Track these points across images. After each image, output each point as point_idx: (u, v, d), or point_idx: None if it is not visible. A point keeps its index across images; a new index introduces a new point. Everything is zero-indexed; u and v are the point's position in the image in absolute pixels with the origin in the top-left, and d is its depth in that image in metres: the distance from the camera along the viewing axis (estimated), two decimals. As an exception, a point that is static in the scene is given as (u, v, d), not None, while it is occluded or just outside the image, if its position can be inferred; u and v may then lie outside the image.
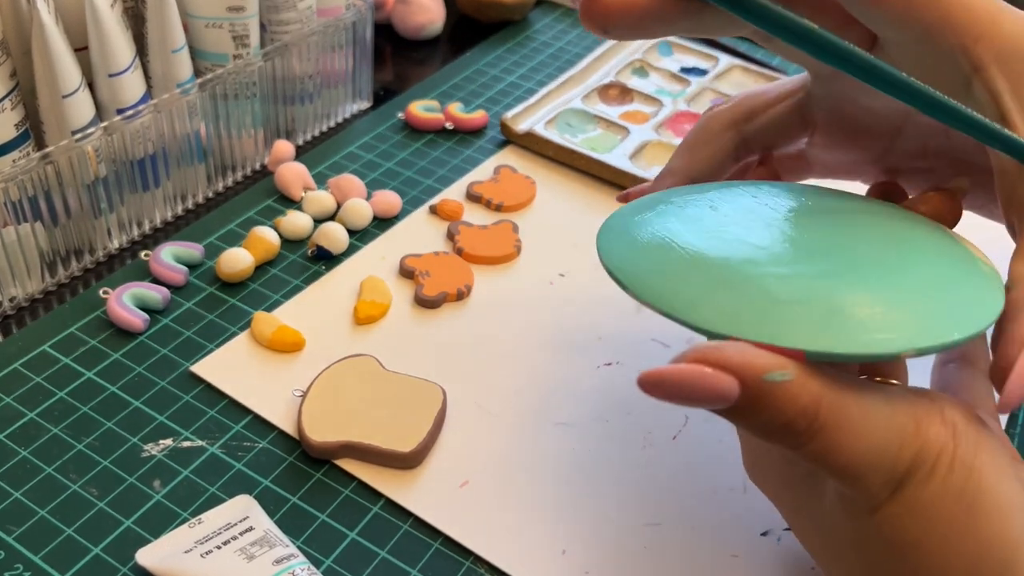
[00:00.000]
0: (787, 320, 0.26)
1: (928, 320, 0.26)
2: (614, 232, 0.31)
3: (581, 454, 0.41)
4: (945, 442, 0.27)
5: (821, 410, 0.26)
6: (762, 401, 0.25)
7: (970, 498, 0.27)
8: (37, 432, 0.40)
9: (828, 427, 0.26)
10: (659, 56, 0.69)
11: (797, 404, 0.25)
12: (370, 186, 0.55)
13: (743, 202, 0.32)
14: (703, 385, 0.25)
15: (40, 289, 0.47)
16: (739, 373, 0.25)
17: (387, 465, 0.39)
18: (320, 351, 0.44)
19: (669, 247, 0.29)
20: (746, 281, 0.27)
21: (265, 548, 0.34)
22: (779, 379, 0.25)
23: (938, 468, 0.27)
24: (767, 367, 0.25)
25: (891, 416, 0.27)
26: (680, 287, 0.27)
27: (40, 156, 0.44)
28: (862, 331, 0.25)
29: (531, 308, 0.48)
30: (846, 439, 0.26)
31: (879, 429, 0.26)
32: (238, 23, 0.51)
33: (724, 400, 0.25)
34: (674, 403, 0.26)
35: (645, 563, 0.37)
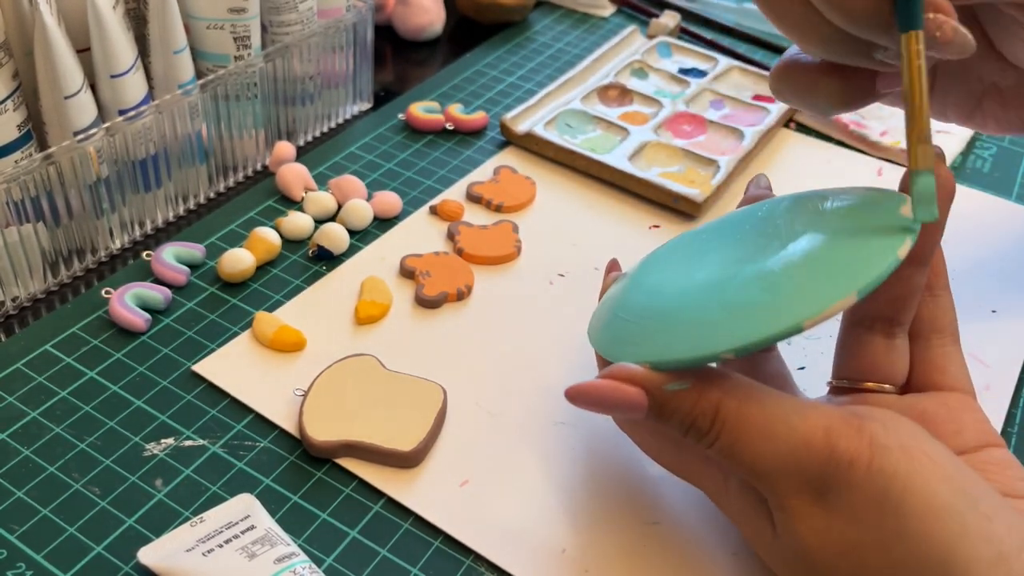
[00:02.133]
0: (650, 343, 0.32)
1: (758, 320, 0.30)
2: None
3: (581, 454, 0.41)
4: (858, 452, 0.29)
5: (720, 412, 0.30)
6: (667, 406, 0.31)
7: (896, 502, 0.28)
8: (39, 431, 0.40)
9: (729, 427, 0.30)
10: (658, 57, 0.69)
11: (697, 407, 0.30)
12: (371, 187, 0.56)
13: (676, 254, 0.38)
14: (617, 396, 0.31)
15: (42, 289, 0.47)
16: (644, 385, 0.31)
17: (388, 464, 0.39)
18: (321, 351, 0.45)
19: (612, 315, 0.36)
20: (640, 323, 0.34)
21: (266, 547, 0.34)
22: (676, 388, 0.31)
23: (853, 476, 0.29)
24: (667, 379, 0.31)
25: (798, 424, 0.30)
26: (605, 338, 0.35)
27: (42, 157, 0.44)
28: (688, 343, 0.31)
29: (531, 308, 0.48)
30: (749, 439, 0.30)
31: (782, 434, 0.30)
32: (239, 24, 0.52)
33: (635, 408, 0.31)
34: (595, 411, 0.32)
35: (645, 562, 0.37)
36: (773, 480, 0.30)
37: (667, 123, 0.61)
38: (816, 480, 0.29)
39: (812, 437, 0.29)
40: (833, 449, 0.29)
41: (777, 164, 0.60)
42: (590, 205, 0.55)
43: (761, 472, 0.30)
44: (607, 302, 0.38)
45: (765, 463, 0.30)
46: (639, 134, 0.59)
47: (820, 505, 0.30)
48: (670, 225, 0.54)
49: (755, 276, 0.32)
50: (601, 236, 0.53)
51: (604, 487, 0.39)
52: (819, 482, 0.29)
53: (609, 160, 0.56)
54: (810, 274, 0.30)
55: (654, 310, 0.34)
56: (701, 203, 0.53)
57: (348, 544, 0.37)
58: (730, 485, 0.33)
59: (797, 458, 0.29)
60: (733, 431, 0.30)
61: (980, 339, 0.47)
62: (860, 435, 0.29)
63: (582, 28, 0.75)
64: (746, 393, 0.31)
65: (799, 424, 0.30)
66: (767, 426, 0.30)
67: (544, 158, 0.59)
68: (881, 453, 0.29)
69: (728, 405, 0.30)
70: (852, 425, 0.30)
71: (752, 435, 0.30)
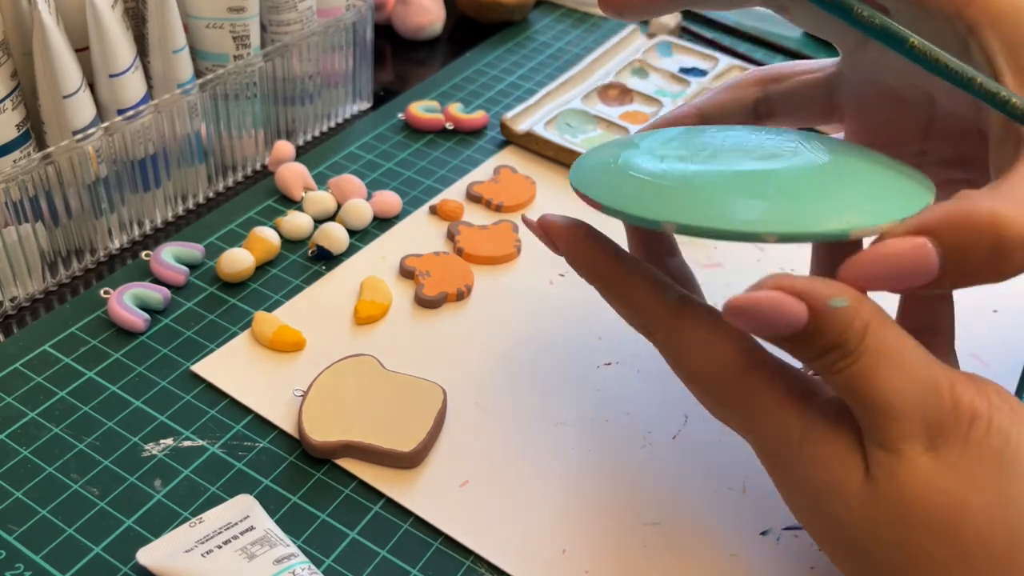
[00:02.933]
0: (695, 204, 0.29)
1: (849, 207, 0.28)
2: (589, 158, 0.35)
3: (581, 454, 0.41)
4: (980, 408, 0.28)
5: (868, 333, 0.27)
6: (824, 325, 0.27)
7: (1009, 464, 0.27)
8: (38, 432, 0.40)
9: (870, 352, 0.27)
10: (659, 57, 0.69)
11: (852, 326, 0.27)
12: (370, 186, 0.55)
13: (725, 136, 0.35)
14: (782, 310, 0.27)
15: (41, 289, 0.47)
16: (808, 298, 0.27)
17: (387, 465, 0.39)
18: (320, 351, 0.45)
19: (624, 167, 0.33)
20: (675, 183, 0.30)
21: (266, 547, 0.34)
22: (839, 305, 0.27)
23: (974, 431, 0.28)
24: (830, 294, 0.27)
25: (929, 365, 0.28)
26: (630, 192, 0.31)
27: (41, 156, 0.44)
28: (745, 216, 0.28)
29: (531, 308, 0.48)
30: (885, 369, 0.27)
31: (916, 371, 0.28)
32: (238, 23, 0.52)
33: (795, 325, 0.27)
34: (751, 330, 0.28)
35: (645, 562, 0.37)
36: (896, 417, 0.28)
37: (667, 123, 0.61)
38: (935, 428, 0.28)
39: (939, 383, 0.28)
40: (958, 401, 0.28)
41: (777, 164, 0.60)
42: (590, 205, 0.55)
43: (888, 406, 0.28)
44: (601, 155, 0.34)
45: (895, 397, 0.28)
46: (639, 134, 0.59)
47: (932, 455, 0.28)
48: (670, 225, 0.54)
49: (808, 171, 0.30)
50: (601, 236, 0.53)
51: (604, 487, 0.39)
52: (937, 431, 0.28)
53: (609, 160, 0.56)
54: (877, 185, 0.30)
55: (688, 176, 0.31)
56: (701, 203, 0.53)
57: (348, 545, 0.37)
58: (809, 434, 0.30)
59: (924, 400, 0.28)
60: (873, 355, 0.28)
61: (980, 339, 0.47)
62: (980, 393, 0.28)
63: (582, 27, 0.75)
64: (886, 319, 0.28)
65: (931, 366, 0.28)
66: (904, 358, 0.28)
67: (544, 158, 0.58)
68: (999, 414, 0.28)
69: (875, 327, 0.28)
70: (974, 382, 0.28)
71: (889, 364, 0.28)
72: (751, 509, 0.39)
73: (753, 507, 0.39)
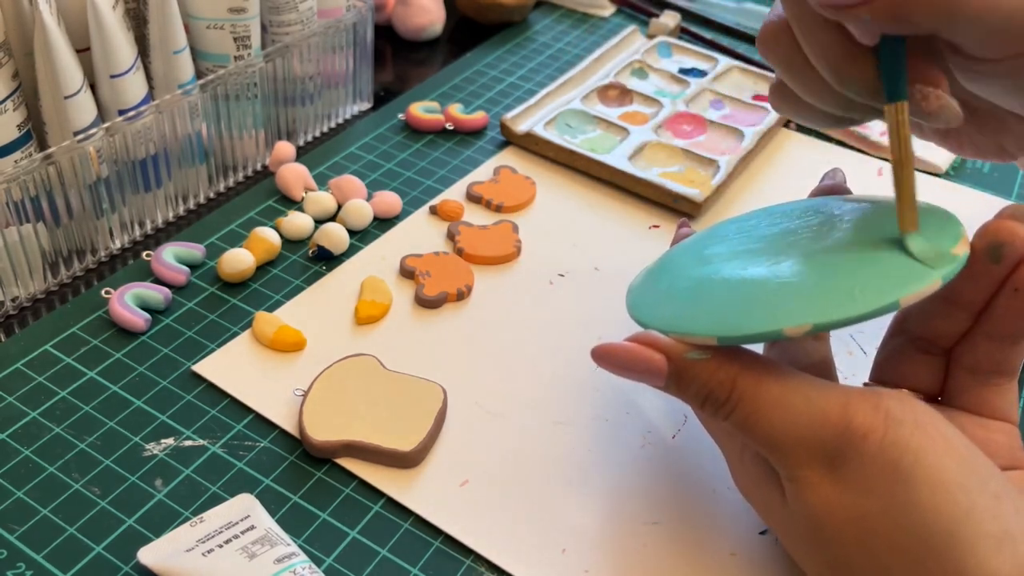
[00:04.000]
0: (698, 317, 0.32)
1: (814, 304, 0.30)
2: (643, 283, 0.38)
3: (581, 453, 0.41)
4: (873, 425, 0.30)
5: (738, 383, 0.31)
6: (686, 375, 0.32)
7: (906, 473, 0.29)
8: (39, 431, 0.40)
9: (747, 399, 0.31)
10: (658, 57, 0.69)
11: (715, 377, 0.31)
12: (371, 187, 0.56)
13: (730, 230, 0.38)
14: (639, 359, 0.32)
15: (42, 289, 0.47)
16: (667, 352, 0.32)
17: (388, 464, 0.40)
18: (321, 351, 0.45)
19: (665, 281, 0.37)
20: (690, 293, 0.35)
21: (266, 547, 0.34)
22: (697, 358, 0.31)
23: (867, 448, 0.29)
24: (688, 349, 0.31)
25: (815, 399, 0.30)
26: (653, 305, 0.35)
27: (42, 157, 0.44)
28: (752, 318, 0.31)
29: (531, 308, 0.48)
30: (765, 412, 0.30)
31: (799, 406, 0.30)
32: (239, 24, 0.52)
33: (656, 372, 0.32)
34: (617, 373, 0.32)
35: (644, 562, 0.37)
36: (786, 452, 0.31)
37: (667, 123, 0.61)
38: (830, 452, 0.30)
39: (830, 410, 0.30)
40: (850, 422, 0.30)
41: (777, 164, 0.60)
42: (590, 205, 0.55)
43: (776, 444, 0.31)
44: (660, 271, 0.38)
45: (780, 435, 0.30)
46: (639, 134, 0.59)
47: (831, 476, 0.30)
48: (670, 225, 0.54)
49: (815, 263, 0.33)
50: (601, 236, 0.53)
51: (604, 487, 0.39)
52: (833, 454, 0.30)
53: (609, 160, 0.56)
54: (858, 274, 0.31)
55: (714, 283, 0.34)
56: (701, 203, 0.53)
57: (348, 544, 0.37)
58: (745, 455, 0.34)
59: (813, 430, 0.30)
60: (750, 403, 0.31)
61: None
62: (876, 410, 0.30)
63: (582, 28, 0.75)
64: (765, 368, 0.31)
65: (817, 398, 0.30)
66: (784, 399, 0.30)
67: (544, 158, 0.59)
68: (895, 426, 0.29)
69: (746, 378, 0.31)
70: (869, 401, 0.30)
71: (769, 408, 0.30)
72: (750, 509, 0.39)
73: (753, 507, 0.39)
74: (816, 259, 0.33)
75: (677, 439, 0.42)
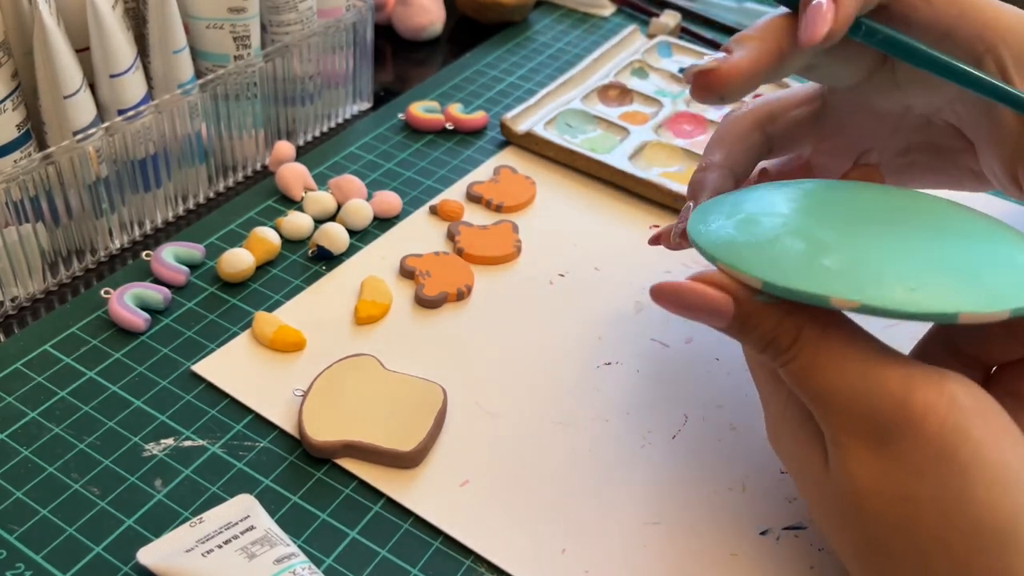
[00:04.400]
0: (752, 257, 0.31)
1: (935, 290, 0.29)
2: (702, 221, 0.36)
3: (581, 454, 0.41)
4: (934, 406, 0.28)
5: (803, 333, 0.30)
6: (753, 318, 0.31)
7: (964, 463, 0.28)
8: (38, 431, 0.40)
9: (809, 350, 0.30)
10: (658, 57, 0.69)
11: (782, 324, 0.30)
12: (370, 186, 0.55)
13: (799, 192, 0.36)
14: (706, 299, 0.31)
15: (41, 289, 0.47)
16: (734, 294, 0.31)
17: (387, 464, 0.39)
18: (321, 351, 0.45)
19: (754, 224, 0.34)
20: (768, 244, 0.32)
21: (266, 547, 0.34)
22: (767, 300, 0.30)
23: (925, 429, 0.28)
24: (756, 291, 0.30)
25: (876, 364, 0.29)
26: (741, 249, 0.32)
27: (41, 156, 0.44)
28: (829, 279, 0.29)
29: (531, 308, 0.48)
30: (824, 366, 0.30)
31: (859, 368, 0.29)
32: (239, 24, 0.52)
33: (721, 314, 0.31)
34: (678, 313, 0.31)
35: (645, 562, 0.37)
36: (838, 412, 0.30)
37: (667, 123, 0.61)
38: (884, 424, 0.29)
39: (889, 380, 0.29)
40: (908, 397, 0.29)
41: (777, 164, 0.60)
42: (590, 205, 0.55)
43: (828, 402, 0.30)
44: (728, 207, 0.35)
45: (834, 393, 0.30)
46: (639, 134, 0.59)
47: (879, 450, 0.29)
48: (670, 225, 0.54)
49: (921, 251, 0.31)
50: (601, 236, 0.53)
51: (604, 487, 0.39)
52: (886, 427, 0.29)
53: (609, 160, 0.56)
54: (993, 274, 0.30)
55: (785, 229, 0.32)
56: (701, 203, 0.53)
57: (348, 544, 0.37)
58: (789, 411, 0.33)
59: (869, 396, 0.29)
60: (810, 355, 0.30)
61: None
62: (940, 390, 0.29)
63: (582, 28, 0.75)
64: (832, 322, 0.30)
65: (879, 364, 0.29)
66: (846, 357, 0.30)
67: (544, 158, 0.59)
68: (958, 412, 0.28)
69: (812, 328, 0.30)
70: (933, 380, 0.29)
71: (829, 363, 0.30)
72: (751, 509, 0.39)
73: (753, 507, 0.39)
74: (904, 239, 0.31)
75: (677, 439, 0.42)
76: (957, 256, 0.31)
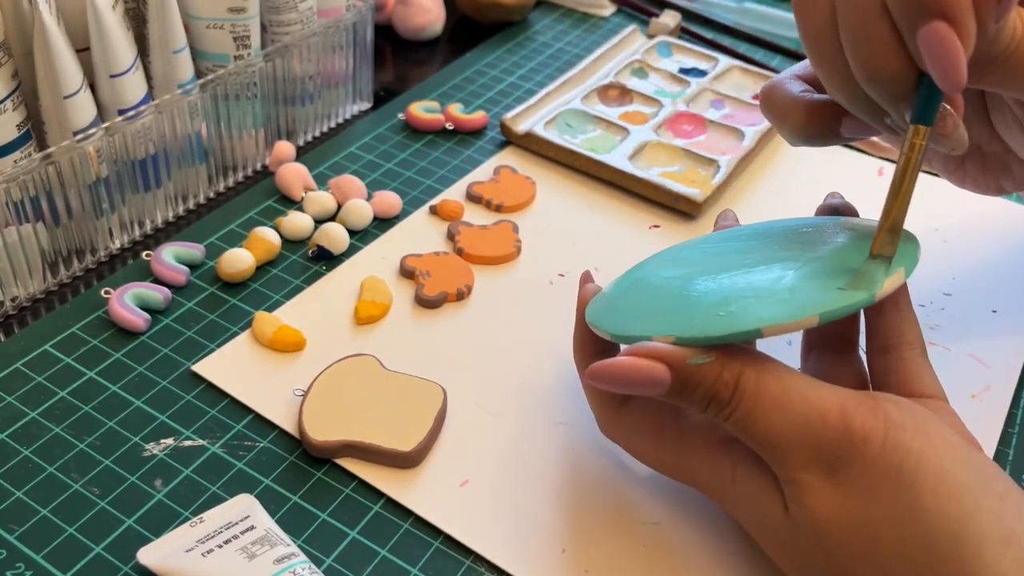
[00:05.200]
0: (673, 322, 0.33)
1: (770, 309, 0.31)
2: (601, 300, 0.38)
3: (581, 453, 0.41)
4: (872, 429, 0.30)
5: (740, 382, 0.31)
6: (691, 380, 0.31)
7: (909, 477, 0.29)
8: (39, 431, 0.40)
9: (748, 397, 0.31)
10: (658, 57, 0.69)
11: (719, 379, 0.31)
12: (370, 186, 0.55)
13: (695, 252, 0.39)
14: (642, 372, 0.31)
15: (42, 289, 0.47)
16: (669, 360, 0.31)
17: (387, 464, 0.39)
18: (321, 351, 0.45)
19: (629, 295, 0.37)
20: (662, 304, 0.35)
21: (266, 547, 0.34)
22: (701, 361, 0.31)
23: (868, 452, 0.29)
24: (691, 354, 0.31)
25: (812, 399, 0.30)
26: (619, 318, 0.36)
27: (42, 156, 0.44)
28: (718, 320, 0.32)
29: (531, 308, 0.48)
30: (765, 410, 0.30)
31: (798, 406, 0.30)
32: (239, 24, 0.52)
33: (659, 382, 0.31)
34: (618, 390, 0.32)
35: (645, 562, 0.37)
36: (786, 452, 0.30)
37: (667, 123, 0.61)
38: (829, 455, 0.30)
39: (827, 412, 0.30)
40: (848, 425, 0.30)
41: (777, 164, 0.60)
42: (590, 205, 0.55)
43: (775, 444, 0.31)
44: (607, 297, 0.38)
45: (780, 434, 0.30)
46: (639, 134, 0.59)
47: (832, 480, 0.30)
48: (670, 225, 0.54)
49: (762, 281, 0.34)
50: (601, 236, 0.53)
51: (604, 487, 0.39)
52: (832, 457, 0.30)
53: (609, 160, 0.56)
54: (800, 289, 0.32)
55: (671, 294, 0.35)
56: (701, 203, 0.53)
57: (348, 544, 0.37)
58: (738, 471, 0.33)
59: (811, 431, 0.30)
60: (751, 401, 0.31)
61: (980, 339, 0.47)
62: (875, 413, 0.30)
63: (582, 28, 0.75)
64: (764, 366, 0.31)
65: (815, 398, 0.30)
66: (784, 397, 0.30)
67: (544, 158, 0.59)
68: (896, 430, 0.29)
69: (748, 375, 0.31)
70: (866, 404, 0.30)
71: (770, 407, 0.30)
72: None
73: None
74: (742, 273, 0.34)
75: (677, 439, 0.42)
76: (782, 277, 0.33)
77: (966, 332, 0.40)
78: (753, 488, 0.33)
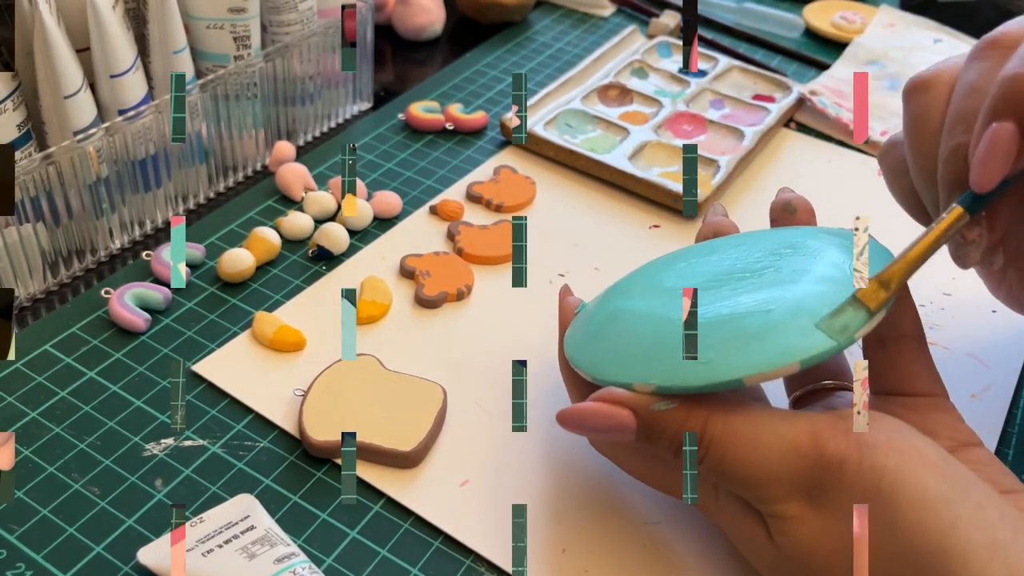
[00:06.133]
0: (644, 369, 0.32)
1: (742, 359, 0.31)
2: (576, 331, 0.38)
3: (581, 454, 0.41)
4: (847, 451, 0.29)
5: (707, 428, 0.31)
6: (656, 427, 0.31)
7: (888, 495, 0.29)
8: (39, 431, 0.40)
9: (716, 442, 0.31)
10: (658, 57, 0.69)
11: (685, 426, 0.31)
12: (370, 186, 0.55)
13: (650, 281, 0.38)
14: (608, 418, 0.32)
15: (42, 289, 0.47)
16: (633, 407, 0.31)
17: (388, 464, 0.39)
18: (321, 351, 0.45)
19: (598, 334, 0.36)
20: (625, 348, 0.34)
21: (266, 547, 0.34)
22: (665, 408, 0.31)
23: (844, 476, 0.29)
24: (654, 400, 0.31)
25: (785, 431, 0.30)
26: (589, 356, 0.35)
27: (42, 156, 0.44)
28: (698, 369, 0.31)
29: (531, 308, 0.48)
30: (736, 452, 0.30)
31: (770, 442, 0.30)
32: (239, 24, 0.52)
33: (625, 429, 0.32)
34: (585, 435, 0.33)
35: (644, 562, 0.37)
36: (763, 488, 0.30)
37: (667, 123, 0.61)
38: (807, 483, 0.30)
39: (800, 442, 0.30)
40: (822, 451, 0.30)
41: (777, 164, 0.60)
42: (590, 205, 0.55)
43: (752, 483, 0.31)
44: (586, 325, 0.37)
45: (755, 473, 0.30)
46: (639, 134, 0.59)
47: (813, 507, 0.30)
48: (670, 225, 0.54)
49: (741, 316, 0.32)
50: (601, 236, 0.53)
51: (604, 487, 0.39)
52: (810, 484, 0.30)
53: (609, 160, 0.56)
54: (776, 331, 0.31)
55: (650, 335, 0.34)
56: (701, 203, 0.53)
57: (348, 544, 0.37)
58: (720, 492, 0.33)
59: (787, 464, 0.30)
60: (721, 446, 0.31)
61: (980, 339, 0.47)
62: (847, 435, 0.30)
63: (582, 28, 0.75)
64: (730, 407, 0.31)
65: (786, 431, 0.30)
66: (754, 436, 0.30)
67: (544, 158, 0.59)
68: (869, 450, 0.29)
69: (715, 421, 0.31)
70: (838, 427, 0.30)
71: (740, 447, 0.30)
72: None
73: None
74: (722, 305, 0.33)
75: (677, 439, 0.42)
76: (763, 311, 0.32)
77: (966, 332, 0.40)
78: (736, 512, 0.33)
